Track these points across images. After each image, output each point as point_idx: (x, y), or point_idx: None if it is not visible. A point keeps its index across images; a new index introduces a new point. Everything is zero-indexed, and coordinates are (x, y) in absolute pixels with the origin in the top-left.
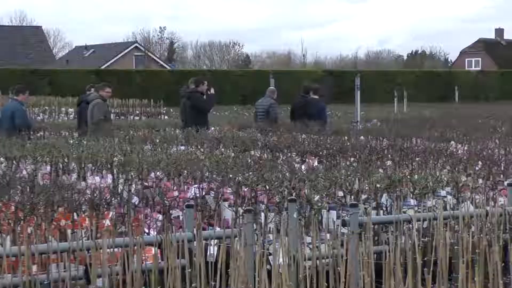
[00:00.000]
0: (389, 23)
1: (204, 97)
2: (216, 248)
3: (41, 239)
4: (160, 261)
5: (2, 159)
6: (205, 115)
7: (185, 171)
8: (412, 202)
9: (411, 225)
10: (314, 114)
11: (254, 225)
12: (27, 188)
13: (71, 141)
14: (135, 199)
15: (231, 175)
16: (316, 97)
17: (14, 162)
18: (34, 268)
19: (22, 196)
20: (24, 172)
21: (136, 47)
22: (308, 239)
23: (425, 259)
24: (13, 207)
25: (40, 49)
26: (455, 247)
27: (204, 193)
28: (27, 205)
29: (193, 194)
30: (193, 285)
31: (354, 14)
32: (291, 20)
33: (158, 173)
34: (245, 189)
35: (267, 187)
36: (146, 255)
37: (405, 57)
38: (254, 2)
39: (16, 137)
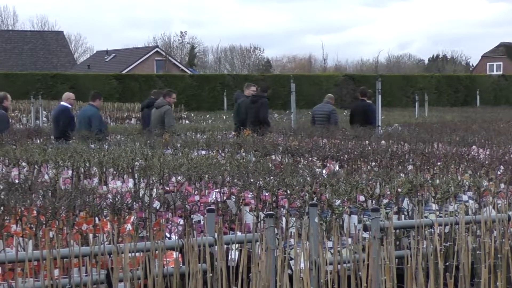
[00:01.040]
0: (410, 28)
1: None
2: (237, 253)
3: (63, 243)
4: (181, 265)
5: (24, 163)
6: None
7: (206, 176)
8: (434, 206)
9: (432, 230)
10: (373, 118)
11: (275, 230)
12: (49, 193)
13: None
14: (156, 204)
15: (252, 180)
16: (370, 101)
17: (36, 166)
18: (56, 272)
19: (44, 201)
20: (46, 176)
21: (157, 51)
22: (330, 244)
23: (447, 264)
24: (35, 212)
25: (62, 54)
26: (477, 252)
27: (225, 198)
28: (49, 209)
29: (214, 198)
30: None
31: (375, 18)
32: (312, 24)
33: (179, 177)
34: (266, 194)
35: (288, 192)
36: (168, 259)
37: (426, 62)
38: (275, 7)
39: (92, 139)
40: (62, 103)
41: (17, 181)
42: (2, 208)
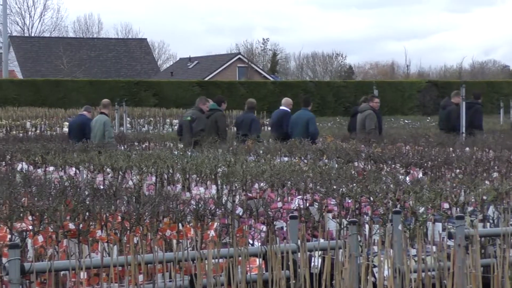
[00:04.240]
0: (495, 33)
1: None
2: (320, 260)
3: (147, 249)
4: (264, 272)
5: (108, 170)
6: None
7: (289, 182)
8: None
9: None
10: None
11: (359, 237)
12: (133, 199)
13: (176, 152)
14: (239, 210)
15: (335, 187)
16: None
17: (120, 173)
18: (140, 277)
19: (128, 207)
20: (130, 182)
21: (239, 58)
22: (413, 251)
23: None
24: (119, 218)
25: (145, 61)
26: None
27: (308, 204)
28: (133, 215)
29: (297, 205)
30: None
31: (459, 24)
32: (395, 30)
33: (261, 184)
34: (349, 201)
35: (371, 199)
36: (250, 266)
37: (511, 68)
38: (355, 13)
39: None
40: (282, 107)
41: (102, 187)
42: (87, 214)
